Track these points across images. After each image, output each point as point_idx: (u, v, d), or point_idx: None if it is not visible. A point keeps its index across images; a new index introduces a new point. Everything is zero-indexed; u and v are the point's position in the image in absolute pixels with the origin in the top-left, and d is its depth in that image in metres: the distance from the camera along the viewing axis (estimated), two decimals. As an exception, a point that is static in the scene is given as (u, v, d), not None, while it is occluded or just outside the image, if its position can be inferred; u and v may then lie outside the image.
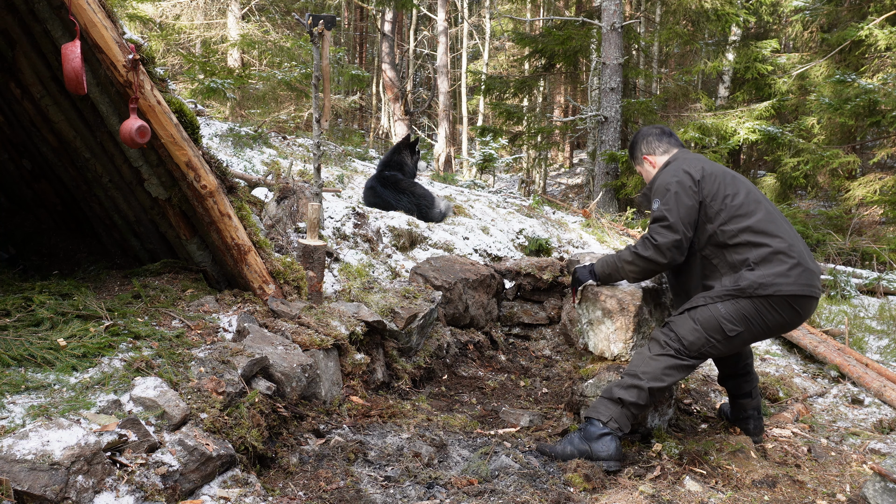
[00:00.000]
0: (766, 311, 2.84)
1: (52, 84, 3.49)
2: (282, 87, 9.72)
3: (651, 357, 2.93)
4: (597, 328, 3.33)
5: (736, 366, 3.26)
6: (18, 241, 4.62)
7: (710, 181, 2.94)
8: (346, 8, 19.84)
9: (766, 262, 2.83)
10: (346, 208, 4.91)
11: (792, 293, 2.82)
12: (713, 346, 2.91)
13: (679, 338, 2.91)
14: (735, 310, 2.85)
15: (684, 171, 2.97)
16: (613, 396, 2.90)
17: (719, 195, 2.91)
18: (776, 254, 2.83)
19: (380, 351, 3.68)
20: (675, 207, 2.90)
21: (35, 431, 2.00)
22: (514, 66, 19.44)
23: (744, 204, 2.89)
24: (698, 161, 3.04)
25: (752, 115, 10.27)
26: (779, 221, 2.93)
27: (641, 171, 3.32)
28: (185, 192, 3.29)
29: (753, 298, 2.83)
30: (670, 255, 2.91)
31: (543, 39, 12.11)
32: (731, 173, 3.03)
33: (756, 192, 2.99)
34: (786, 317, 2.87)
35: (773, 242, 2.84)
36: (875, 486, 2.53)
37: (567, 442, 2.94)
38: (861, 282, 6.78)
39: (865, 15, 10.27)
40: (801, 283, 2.83)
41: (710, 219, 2.91)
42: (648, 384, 2.86)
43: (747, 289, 2.83)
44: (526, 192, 13.56)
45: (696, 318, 2.91)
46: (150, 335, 2.91)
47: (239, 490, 2.30)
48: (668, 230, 2.90)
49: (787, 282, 2.81)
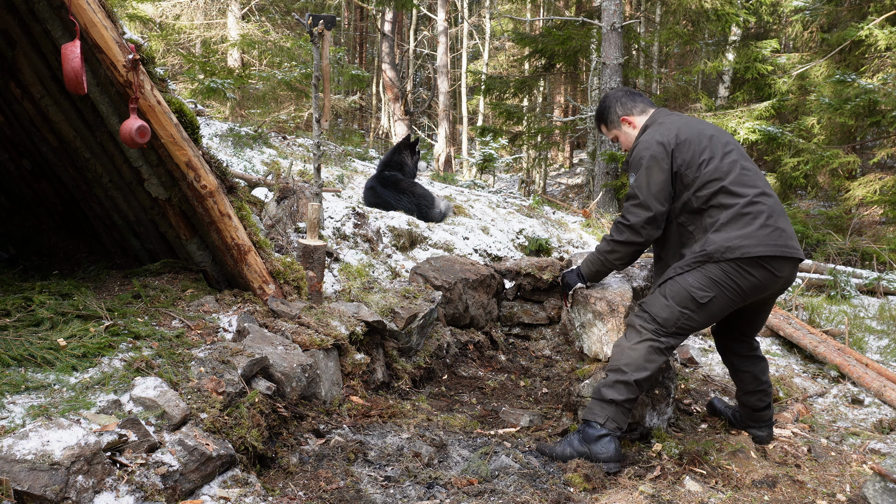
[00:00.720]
0: (736, 273, 2.75)
1: (52, 84, 3.49)
2: (282, 87, 9.72)
3: (630, 347, 2.87)
4: (589, 331, 3.33)
5: (759, 380, 3.17)
6: (18, 241, 4.62)
7: (685, 148, 2.85)
8: (346, 8, 19.84)
9: (732, 223, 2.75)
10: (346, 208, 4.91)
11: (760, 254, 2.73)
12: (689, 319, 2.84)
13: (653, 317, 2.86)
14: (702, 275, 2.78)
15: (657, 141, 2.88)
16: (605, 398, 2.86)
17: (694, 162, 2.82)
18: (744, 214, 2.75)
19: (380, 351, 3.68)
20: (646, 183, 2.85)
21: (35, 431, 2.00)
22: (514, 66, 19.44)
23: (718, 168, 2.81)
24: (674, 125, 2.94)
25: (752, 115, 10.27)
26: (752, 180, 2.83)
27: (619, 135, 3.19)
28: (185, 192, 3.29)
29: (721, 262, 2.75)
30: (646, 233, 2.89)
31: (543, 39, 12.12)
32: (708, 134, 2.91)
33: (732, 150, 2.89)
34: (759, 278, 2.78)
35: (741, 200, 2.76)
36: (875, 486, 2.54)
37: (566, 443, 2.92)
38: (861, 282, 6.78)
39: (865, 15, 10.28)
40: (771, 242, 2.75)
41: (686, 186, 2.84)
42: (633, 376, 2.82)
43: (714, 253, 2.75)
44: (526, 192, 13.56)
45: (666, 292, 2.85)
46: (150, 335, 2.91)
47: (239, 490, 2.30)
48: (639, 208, 2.87)
49: (753, 242, 2.72)
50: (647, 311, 2.90)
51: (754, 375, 3.17)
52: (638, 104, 3.14)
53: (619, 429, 2.87)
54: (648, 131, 3.00)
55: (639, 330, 2.89)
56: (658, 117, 3.05)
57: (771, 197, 2.85)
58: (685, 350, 4.35)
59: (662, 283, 2.91)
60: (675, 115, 3.06)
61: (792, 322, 4.89)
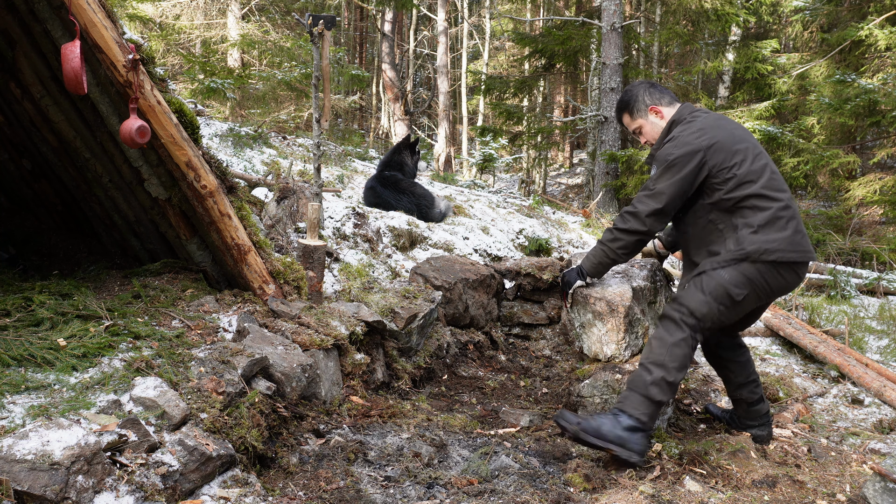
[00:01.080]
0: (770, 274, 2.85)
1: (52, 84, 3.49)
2: (282, 87, 9.72)
3: (675, 343, 2.83)
4: (589, 331, 3.33)
5: (747, 370, 3.20)
6: (18, 241, 4.62)
7: (719, 150, 2.88)
8: (346, 8, 19.84)
9: (769, 226, 2.83)
10: (346, 208, 4.91)
11: (795, 259, 2.85)
12: (722, 315, 2.88)
13: (691, 311, 2.86)
14: (739, 273, 2.84)
15: (690, 143, 2.88)
16: (650, 396, 2.80)
17: (727, 164, 2.87)
18: (779, 217, 2.84)
19: (380, 351, 3.68)
20: (667, 179, 2.87)
21: (35, 431, 2.00)
22: (514, 66, 19.44)
23: (750, 171, 2.86)
24: (706, 125, 2.95)
25: (752, 115, 10.28)
26: (781, 184, 2.92)
27: (644, 125, 3.16)
28: (185, 192, 3.29)
29: (758, 263, 2.83)
30: (650, 223, 2.91)
31: (543, 39, 12.12)
32: (738, 135, 2.96)
33: (761, 152, 2.95)
34: (788, 280, 2.90)
35: (776, 205, 2.85)
36: (875, 486, 2.53)
37: (603, 419, 2.83)
38: (861, 282, 6.78)
39: (865, 15, 10.28)
40: (801, 249, 2.87)
41: (719, 186, 2.87)
42: (677, 377, 2.82)
43: (753, 253, 2.82)
44: (526, 192, 13.56)
45: (704, 287, 2.87)
46: (150, 335, 2.91)
47: (239, 490, 2.30)
48: (650, 199, 2.89)
49: (790, 248, 2.83)
50: (685, 304, 2.88)
51: (741, 364, 3.21)
52: (665, 96, 3.15)
53: (651, 427, 2.85)
54: (679, 128, 3.00)
55: (680, 325, 2.86)
56: (685, 113, 3.05)
57: (794, 202, 2.96)
58: (685, 350, 4.34)
59: (698, 277, 2.91)
60: (703, 113, 3.06)
61: (792, 322, 4.89)
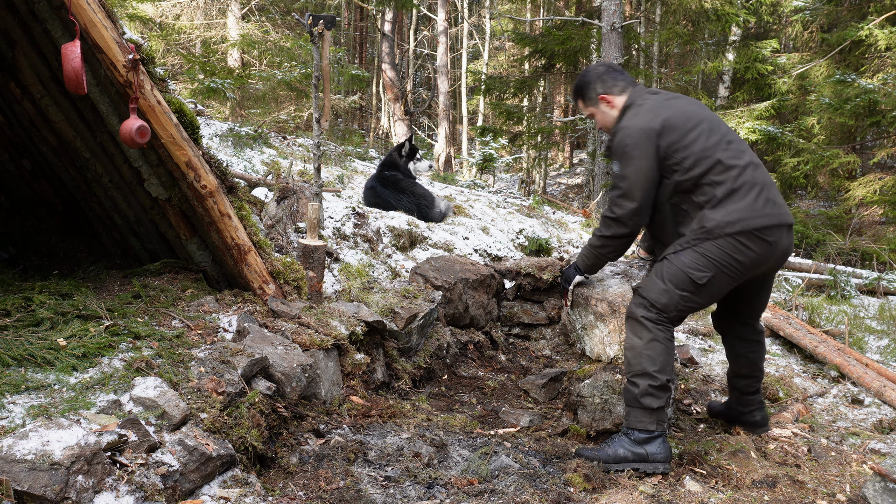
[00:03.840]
0: (735, 249, 2.71)
1: (52, 84, 3.49)
2: (282, 87, 9.72)
3: (645, 347, 2.79)
4: (591, 332, 3.33)
5: (755, 366, 3.15)
6: (18, 241, 4.62)
7: (671, 131, 2.79)
8: (346, 8, 19.84)
9: (729, 197, 2.71)
10: (346, 208, 4.91)
11: (759, 226, 2.70)
12: (689, 301, 2.79)
13: (652, 303, 2.79)
14: (698, 255, 2.73)
15: (641, 128, 2.82)
16: (646, 406, 2.78)
17: (682, 143, 2.78)
18: (739, 187, 2.72)
19: (380, 351, 3.68)
20: (631, 173, 2.82)
21: (35, 431, 2.00)
22: (514, 66, 19.44)
23: (706, 147, 2.76)
24: (656, 107, 2.87)
25: (752, 115, 10.28)
26: (739, 149, 2.81)
27: (596, 113, 3.08)
28: (185, 192, 3.29)
29: (719, 239, 2.70)
30: (632, 224, 2.87)
31: (543, 39, 12.12)
32: (690, 112, 2.86)
33: (716, 126, 2.84)
34: (758, 251, 2.74)
35: (734, 173, 2.74)
36: (875, 486, 2.53)
37: (617, 444, 2.82)
38: (861, 282, 6.78)
39: (865, 15, 10.28)
40: (768, 212, 2.72)
41: (675, 167, 2.79)
42: (664, 377, 2.77)
43: (714, 230, 2.71)
44: (526, 192, 13.56)
45: (664, 274, 2.80)
46: (150, 335, 2.91)
47: (239, 490, 2.30)
48: (624, 199, 2.84)
49: (752, 215, 2.70)
50: (646, 296, 2.84)
51: (751, 360, 3.16)
52: (619, 83, 3.03)
53: (664, 430, 2.82)
54: (628, 115, 2.92)
55: (643, 324, 2.81)
56: (637, 98, 2.96)
57: (759, 167, 2.82)
58: (685, 350, 4.35)
59: (659, 263, 2.86)
60: (653, 95, 2.98)
61: (792, 322, 4.89)
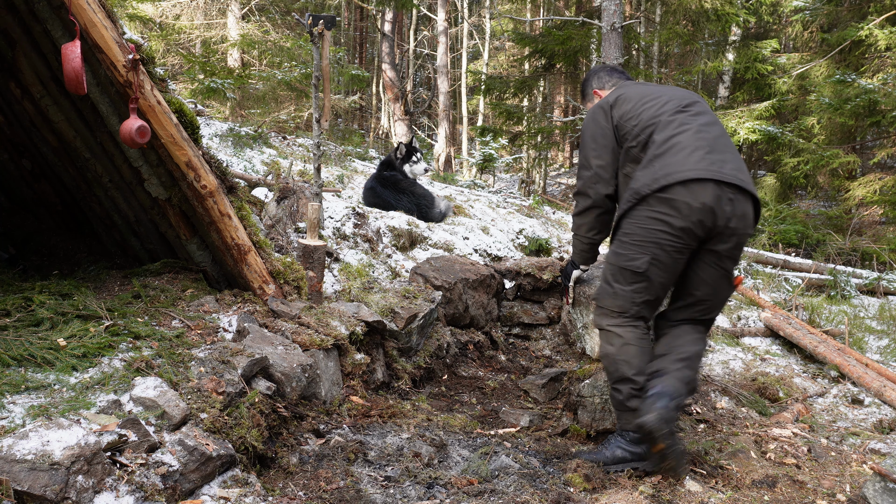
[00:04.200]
0: (663, 212, 2.53)
1: (52, 84, 3.49)
2: (282, 87, 9.72)
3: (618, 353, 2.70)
4: (591, 332, 3.33)
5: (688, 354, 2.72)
6: (18, 241, 4.62)
7: (623, 103, 2.79)
8: (346, 8, 19.83)
9: (661, 156, 2.57)
10: (346, 208, 4.91)
11: (687, 178, 2.48)
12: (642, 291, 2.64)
13: (609, 310, 2.73)
14: (625, 244, 2.63)
15: (599, 106, 2.86)
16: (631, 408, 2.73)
17: (632, 112, 2.75)
18: (674, 146, 2.57)
19: (380, 351, 3.68)
20: (586, 144, 2.84)
21: (35, 431, 2.00)
22: (514, 66, 19.43)
23: (658, 114, 2.70)
24: (622, 87, 2.89)
25: (752, 115, 10.28)
26: (689, 119, 2.67)
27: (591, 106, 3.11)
28: (185, 192, 3.29)
29: (642, 204, 2.56)
30: (594, 192, 2.83)
31: (543, 39, 12.11)
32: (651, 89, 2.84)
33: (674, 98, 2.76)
34: (691, 208, 2.49)
35: (671, 132, 2.61)
36: (875, 486, 2.53)
37: (614, 446, 2.79)
38: (861, 282, 6.78)
39: (865, 15, 10.28)
40: (700, 167, 2.50)
41: (626, 137, 2.76)
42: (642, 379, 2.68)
43: (640, 189, 2.56)
44: (526, 192, 13.56)
45: (607, 278, 2.74)
46: (150, 335, 2.91)
47: (239, 490, 2.30)
48: (582, 170, 2.87)
49: (681, 168, 2.50)
50: (601, 305, 2.78)
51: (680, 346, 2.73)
52: (613, 79, 3.13)
53: None
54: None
55: (611, 331, 2.74)
56: (619, 87, 2.97)
57: (707, 130, 2.63)
58: (685, 350, 4.34)
59: (602, 268, 2.86)
60: (629, 84, 3.00)
61: (792, 322, 4.89)
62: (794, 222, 9.48)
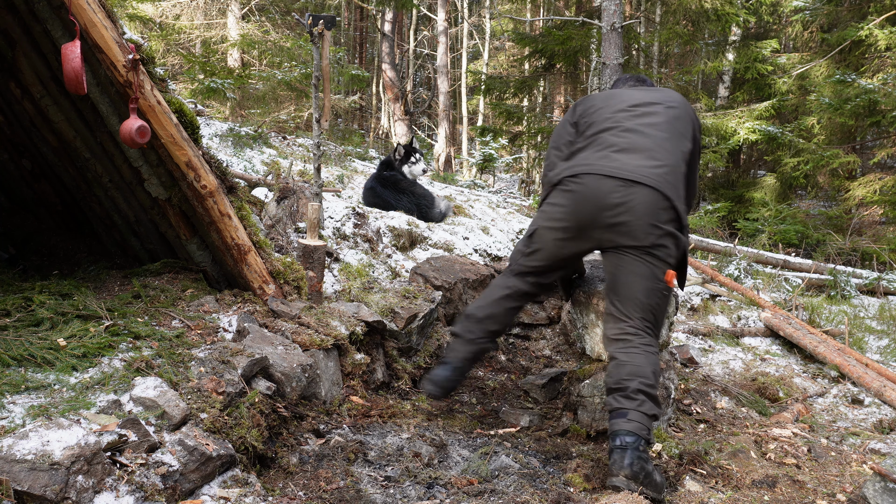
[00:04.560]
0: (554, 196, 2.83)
1: (52, 84, 3.49)
2: (282, 87, 9.71)
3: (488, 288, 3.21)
4: (591, 332, 3.33)
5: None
6: (18, 241, 4.62)
7: (587, 102, 3.01)
8: (346, 8, 19.83)
9: (576, 154, 2.85)
10: (346, 208, 4.91)
11: (576, 172, 2.73)
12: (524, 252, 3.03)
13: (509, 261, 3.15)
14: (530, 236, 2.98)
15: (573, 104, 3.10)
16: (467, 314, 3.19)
17: (591, 110, 2.95)
18: (590, 144, 2.81)
19: (380, 351, 3.68)
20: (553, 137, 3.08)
21: (35, 431, 2.00)
22: (514, 66, 19.43)
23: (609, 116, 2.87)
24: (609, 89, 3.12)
25: (752, 115, 10.28)
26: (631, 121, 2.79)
27: None
28: (185, 192, 3.29)
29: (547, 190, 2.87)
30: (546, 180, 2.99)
31: (543, 39, 12.11)
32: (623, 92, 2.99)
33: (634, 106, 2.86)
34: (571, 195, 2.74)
35: (596, 130, 2.83)
36: (875, 486, 2.53)
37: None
38: (861, 282, 6.78)
39: (865, 15, 10.28)
40: (595, 163, 2.70)
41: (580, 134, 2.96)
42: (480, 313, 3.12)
43: (550, 181, 2.86)
44: (526, 192, 13.56)
45: None
46: (150, 335, 2.91)
47: (239, 490, 2.30)
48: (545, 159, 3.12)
49: (579, 163, 2.75)
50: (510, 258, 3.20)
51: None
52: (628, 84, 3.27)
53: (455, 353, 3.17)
54: None
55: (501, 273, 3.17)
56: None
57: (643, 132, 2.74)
58: (685, 350, 4.35)
59: None
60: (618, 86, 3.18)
61: (792, 322, 4.89)
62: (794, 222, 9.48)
